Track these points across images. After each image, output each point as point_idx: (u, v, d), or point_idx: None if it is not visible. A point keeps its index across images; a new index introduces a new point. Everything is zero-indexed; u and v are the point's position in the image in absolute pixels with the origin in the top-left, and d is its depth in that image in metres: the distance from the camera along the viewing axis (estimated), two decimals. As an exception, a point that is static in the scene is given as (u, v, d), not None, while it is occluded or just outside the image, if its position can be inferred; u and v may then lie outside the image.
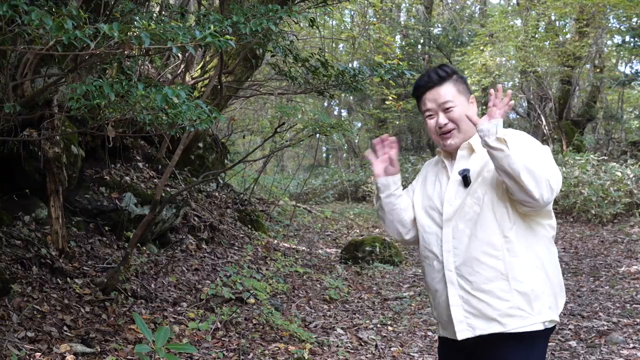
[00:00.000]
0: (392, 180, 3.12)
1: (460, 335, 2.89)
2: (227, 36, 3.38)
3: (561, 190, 15.97)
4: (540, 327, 2.84)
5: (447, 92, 2.97)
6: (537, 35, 22.33)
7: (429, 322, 7.30)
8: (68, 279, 6.19)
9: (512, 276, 2.82)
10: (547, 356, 6.03)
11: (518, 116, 27.39)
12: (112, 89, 3.81)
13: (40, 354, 4.80)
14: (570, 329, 6.84)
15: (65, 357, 4.87)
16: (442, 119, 2.98)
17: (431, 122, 3.02)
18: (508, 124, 26.34)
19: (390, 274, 10.40)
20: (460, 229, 2.91)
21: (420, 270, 9.70)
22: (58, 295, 5.84)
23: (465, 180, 2.92)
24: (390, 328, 7.20)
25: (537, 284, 2.86)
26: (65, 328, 5.40)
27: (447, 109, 2.96)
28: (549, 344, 6.29)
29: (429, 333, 6.91)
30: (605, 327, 6.84)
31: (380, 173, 3.12)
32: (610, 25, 22.73)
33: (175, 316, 6.46)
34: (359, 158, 29.38)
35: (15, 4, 2.98)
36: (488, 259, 2.84)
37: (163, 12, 8.67)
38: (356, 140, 31.18)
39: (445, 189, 3.01)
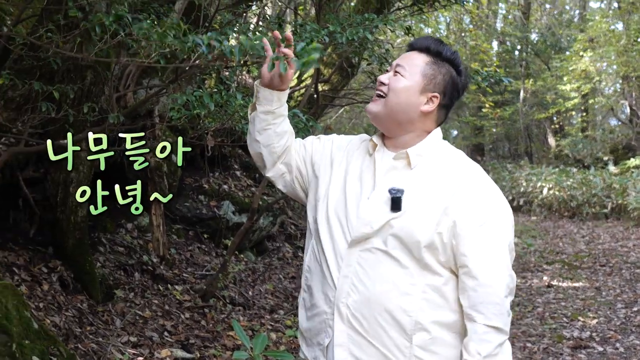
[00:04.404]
0: (276, 97, 2.41)
1: None
2: (316, 44, 3.39)
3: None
4: None
5: (414, 61, 2.38)
6: (639, 39, 21.66)
7: (528, 333, 7.14)
8: (169, 285, 6.33)
9: (416, 339, 2.23)
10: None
11: (620, 123, 26.60)
12: (211, 99, 3.88)
13: (142, 358, 4.91)
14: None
15: (166, 361, 4.98)
16: (385, 77, 2.39)
17: (383, 75, 2.43)
18: (609, 131, 25.66)
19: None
20: (370, 260, 2.27)
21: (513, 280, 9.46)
22: (159, 301, 5.97)
23: (395, 204, 2.25)
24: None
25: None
26: (165, 333, 5.52)
27: (396, 72, 2.37)
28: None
29: (528, 344, 6.76)
30: None
31: (266, 76, 2.36)
32: None
33: (272, 323, 6.51)
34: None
35: (121, 15, 3.07)
36: (398, 312, 2.23)
37: (260, 23, 8.79)
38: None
39: (364, 197, 2.35)
